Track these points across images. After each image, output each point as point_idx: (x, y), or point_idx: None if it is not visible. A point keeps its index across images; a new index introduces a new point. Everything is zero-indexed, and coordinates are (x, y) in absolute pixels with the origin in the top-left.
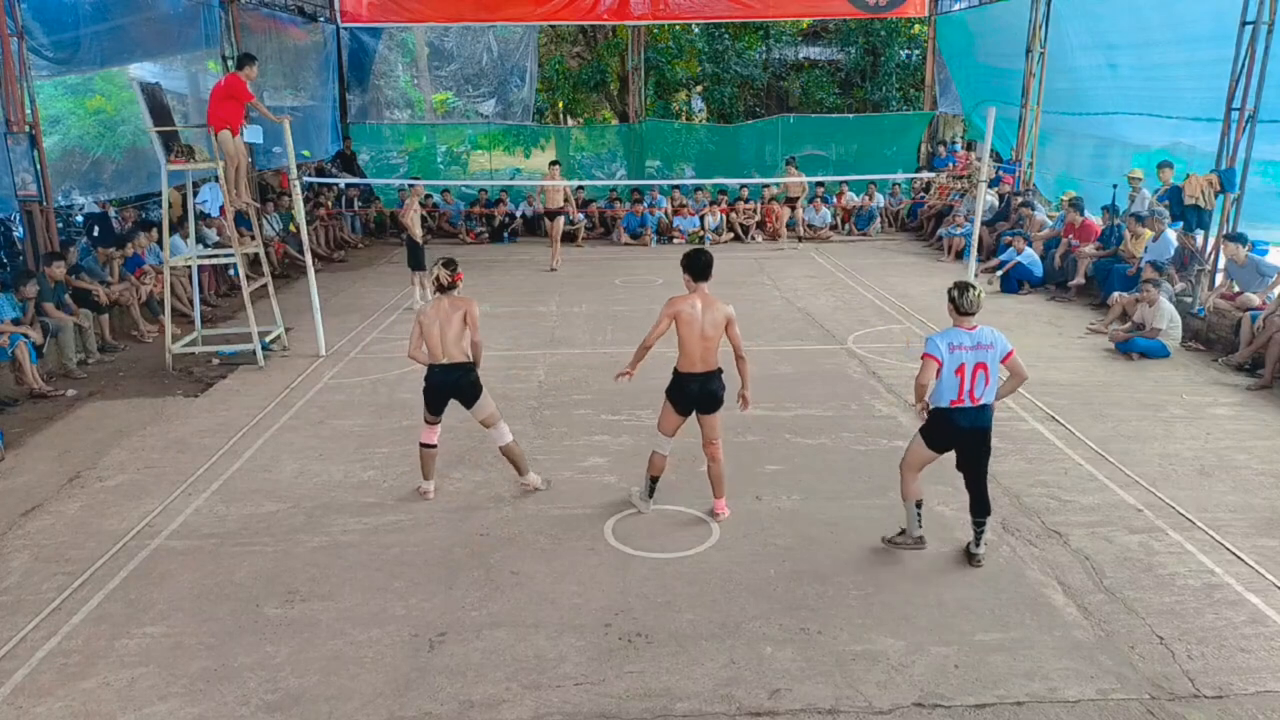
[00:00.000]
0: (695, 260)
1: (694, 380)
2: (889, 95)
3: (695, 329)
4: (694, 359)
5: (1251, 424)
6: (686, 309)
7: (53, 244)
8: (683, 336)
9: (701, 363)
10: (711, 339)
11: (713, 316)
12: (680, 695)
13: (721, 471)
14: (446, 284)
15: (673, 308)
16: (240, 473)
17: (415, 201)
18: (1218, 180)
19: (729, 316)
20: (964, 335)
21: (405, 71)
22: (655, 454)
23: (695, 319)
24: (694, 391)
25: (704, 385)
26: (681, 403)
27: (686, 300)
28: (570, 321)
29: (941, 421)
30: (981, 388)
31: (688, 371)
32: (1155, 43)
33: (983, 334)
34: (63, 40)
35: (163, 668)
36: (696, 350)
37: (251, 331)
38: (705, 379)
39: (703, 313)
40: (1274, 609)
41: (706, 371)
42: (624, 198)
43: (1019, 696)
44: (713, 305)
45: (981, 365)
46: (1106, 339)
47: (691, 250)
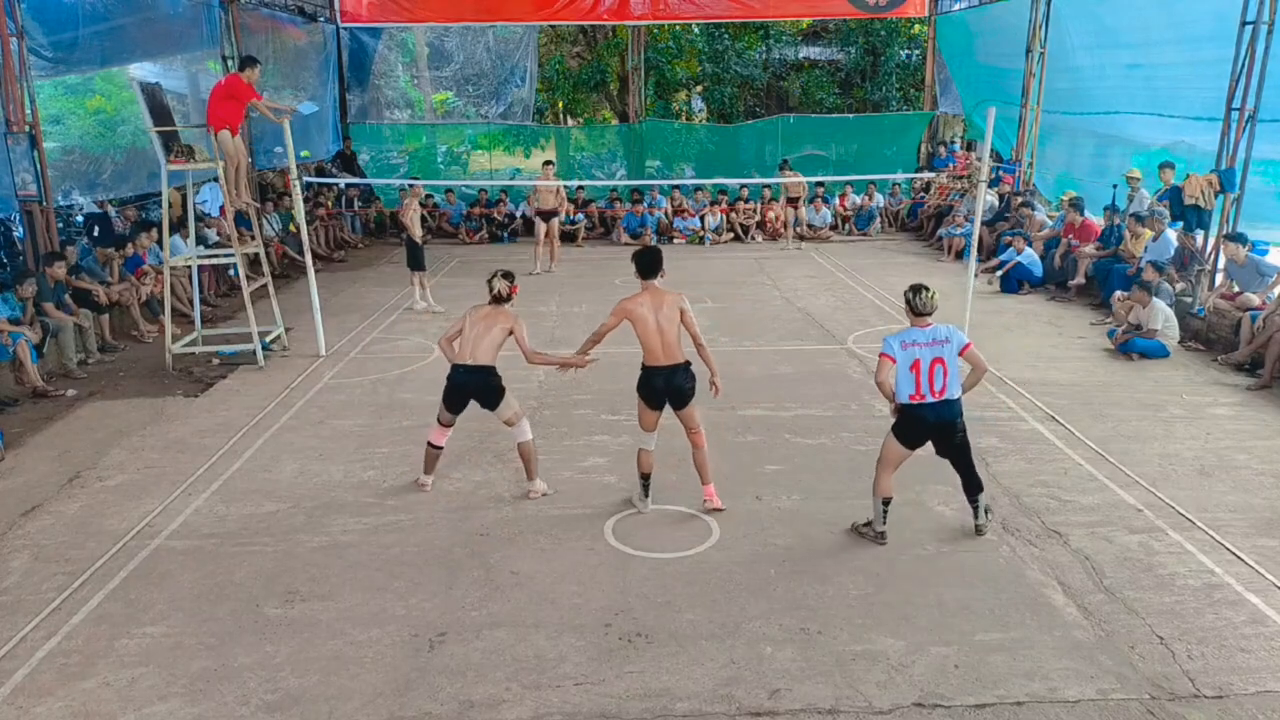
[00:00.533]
0: (642, 258)
1: (658, 374)
2: (889, 95)
3: (650, 325)
4: (655, 353)
5: (1251, 424)
6: (636, 308)
7: (53, 244)
8: (640, 334)
9: (664, 355)
10: (668, 332)
11: (666, 310)
12: (680, 695)
13: (705, 458)
14: (505, 295)
15: (622, 308)
16: (240, 473)
17: (415, 201)
18: (1218, 180)
19: (681, 307)
20: (918, 333)
21: (405, 71)
22: (640, 451)
23: (647, 316)
24: (660, 385)
25: (669, 379)
26: (650, 396)
27: (636, 299)
28: (570, 321)
29: (907, 417)
30: (941, 381)
31: (652, 365)
32: (1155, 42)
33: (938, 330)
34: (63, 40)
35: (163, 668)
36: (656, 345)
37: (251, 331)
38: (670, 372)
39: (654, 309)
40: (1274, 609)
41: (671, 365)
42: (624, 198)
43: (1019, 696)
44: (663, 299)
45: (939, 360)
46: (1107, 339)
47: (640, 248)
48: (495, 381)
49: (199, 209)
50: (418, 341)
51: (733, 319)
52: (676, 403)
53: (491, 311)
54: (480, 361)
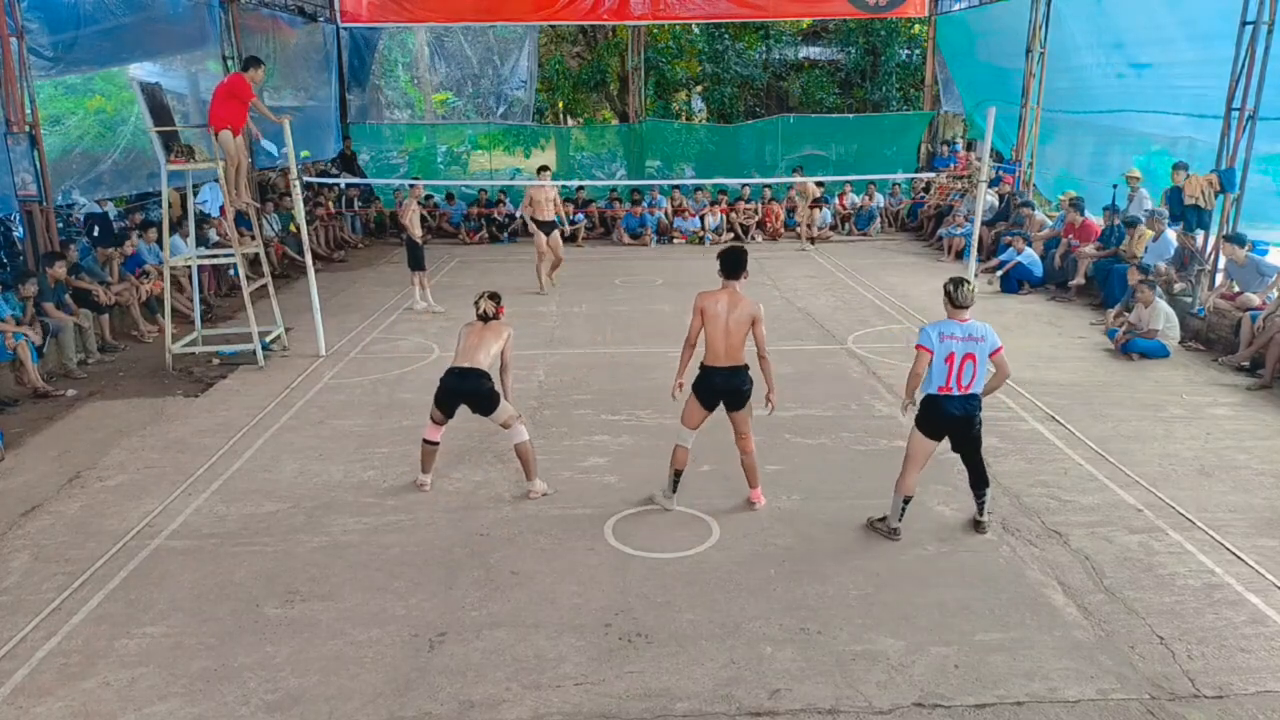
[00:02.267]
0: (727, 257)
1: (717, 374)
2: (889, 95)
3: (720, 325)
4: (718, 353)
5: (1251, 424)
6: (711, 305)
7: (53, 244)
8: (708, 332)
9: (726, 357)
10: (735, 335)
11: (738, 314)
12: (680, 695)
13: (754, 463)
14: (492, 316)
15: (700, 302)
16: (240, 473)
17: (414, 201)
18: (1218, 180)
19: (755, 315)
20: (956, 326)
21: (405, 71)
22: (677, 447)
23: (720, 315)
24: (718, 385)
25: (728, 380)
26: (706, 396)
27: (714, 296)
28: (570, 321)
29: (931, 407)
30: (969, 377)
31: (713, 365)
32: (1156, 41)
33: (974, 327)
34: (63, 40)
35: (163, 668)
36: (720, 345)
37: (251, 331)
38: (729, 373)
39: (728, 310)
40: (1274, 609)
41: (731, 366)
42: (624, 198)
43: (1019, 696)
44: (739, 303)
45: (970, 356)
46: (1107, 339)
47: (726, 247)
48: (487, 385)
49: (199, 209)
50: (418, 341)
51: None
52: (733, 403)
53: (483, 328)
54: (474, 364)
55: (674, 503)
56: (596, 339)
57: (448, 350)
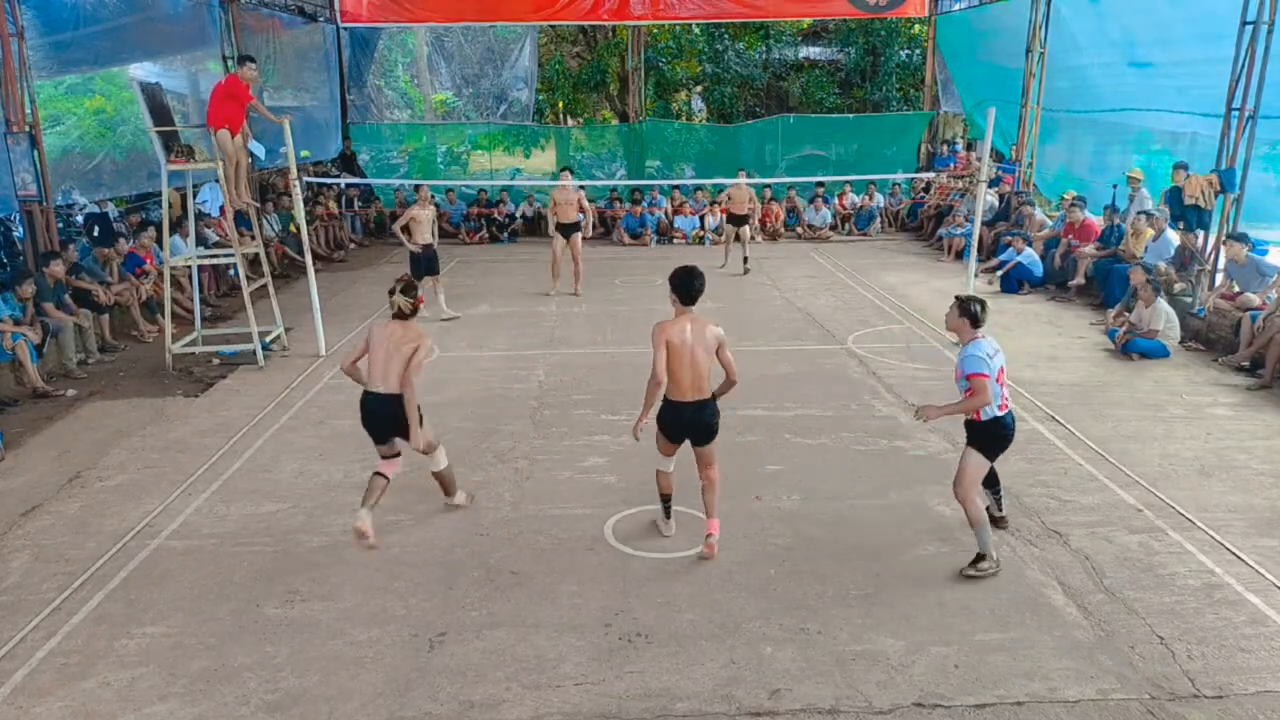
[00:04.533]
0: (686, 283)
1: (685, 409)
2: (889, 95)
3: (685, 357)
4: (684, 386)
5: (1251, 424)
6: (676, 335)
7: (53, 244)
8: (672, 366)
9: (693, 390)
10: (703, 364)
11: (704, 341)
12: (680, 695)
13: (716, 495)
14: (409, 311)
15: (663, 335)
16: (240, 473)
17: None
18: (1218, 180)
19: (720, 339)
20: (989, 344)
21: (405, 71)
22: (659, 473)
23: (685, 345)
24: (685, 420)
25: (696, 415)
26: (673, 431)
27: (675, 325)
28: (570, 321)
29: (1000, 430)
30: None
31: (678, 400)
32: (1156, 41)
33: (993, 341)
34: (63, 40)
35: (163, 668)
36: (686, 378)
37: (251, 331)
38: (697, 408)
39: (692, 338)
40: (1274, 609)
41: (698, 400)
42: (624, 198)
43: (1019, 696)
44: (703, 329)
45: (1003, 369)
46: (1107, 339)
47: (682, 270)
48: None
49: (199, 209)
50: None
51: (733, 319)
52: (699, 438)
53: (398, 329)
54: (393, 390)
55: (671, 528)
56: (596, 339)
57: (448, 350)
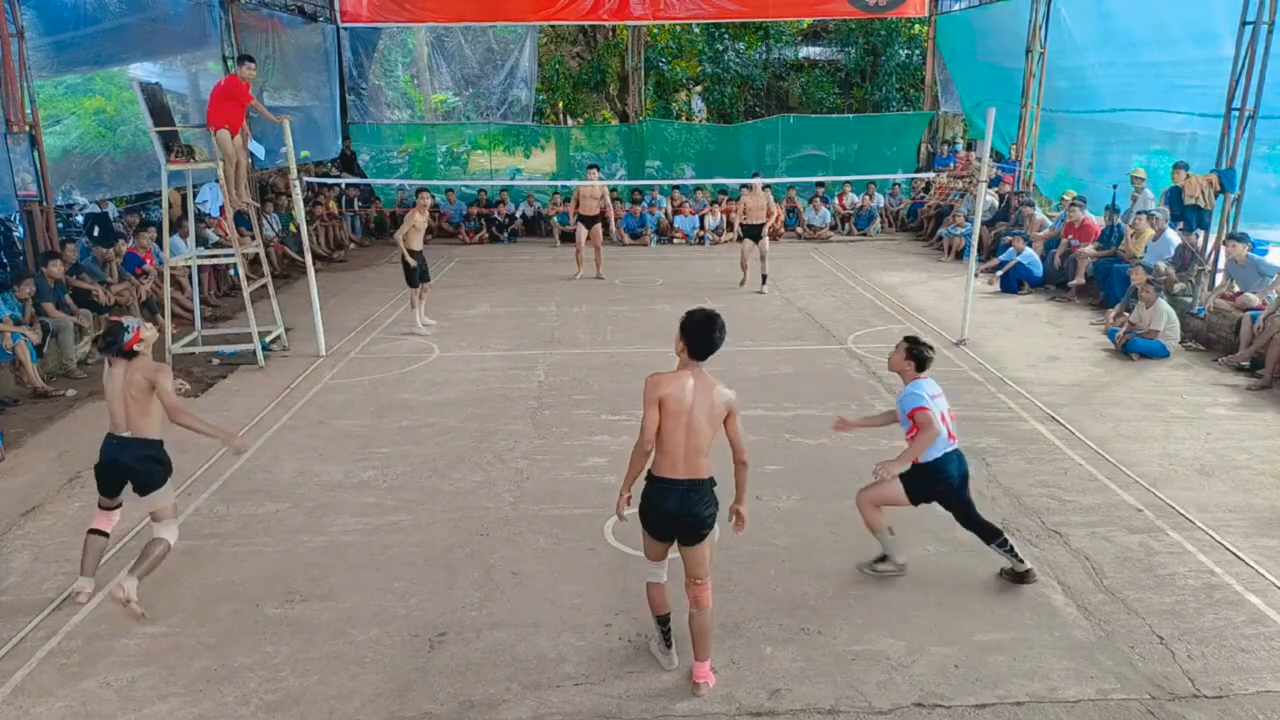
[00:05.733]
0: (703, 333)
1: (672, 491)
2: (889, 95)
3: (681, 420)
4: (675, 459)
5: (1251, 424)
6: (675, 392)
7: (53, 244)
8: (664, 429)
9: (686, 466)
10: (702, 434)
11: (708, 404)
12: (680, 695)
13: (708, 625)
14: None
15: (656, 390)
16: (240, 473)
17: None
18: (1218, 180)
19: (730, 406)
20: (931, 386)
21: (405, 71)
22: (650, 587)
23: (683, 407)
24: (670, 509)
25: (684, 501)
26: (657, 525)
27: (675, 380)
28: (570, 321)
29: (937, 475)
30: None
31: (665, 477)
32: (1156, 41)
33: (935, 385)
34: (63, 40)
35: (163, 668)
36: (679, 448)
37: (251, 331)
38: (688, 491)
39: (694, 398)
40: (1274, 609)
41: (692, 479)
42: (624, 198)
43: (1019, 696)
44: (710, 389)
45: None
46: (1107, 339)
47: (700, 316)
48: (155, 457)
49: (199, 209)
50: (418, 341)
51: (733, 319)
52: (688, 535)
53: (124, 367)
54: (137, 433)
55: (673, 660)
56: (597, 339)
57: (448, 350)
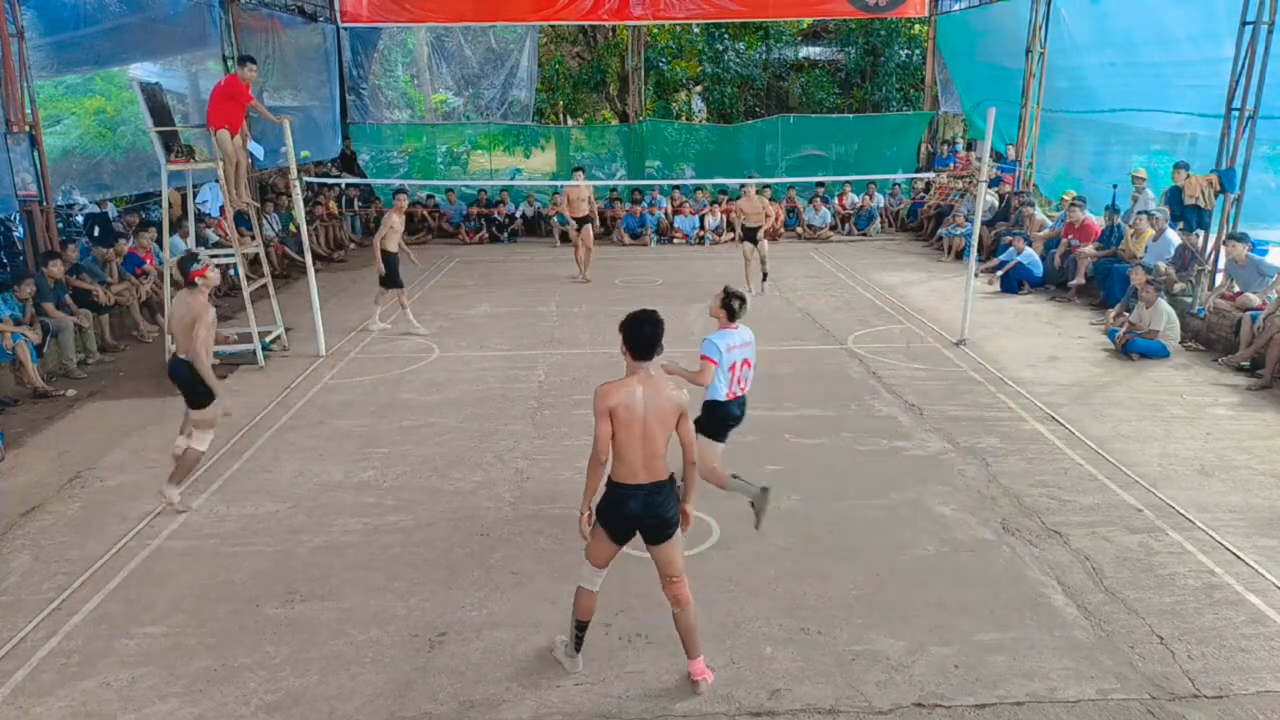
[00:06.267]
0: (638, 329)
1: (634, 495)
2: (889, 95)
3: (635, 427)
4: (634, 465)
5: (1251, 424)
6: (625, 400)
7: (53, 244)
8: (619, 439)
9: (645, 470)
10: (657, 438)
11: (659, 409)
12: (680, 695)
13: (693, 621)
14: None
15: (606, 401)
16: (240, 473)
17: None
18: (1218, 180)
19: (681, 407)
20: (734, 335)
21: (405, 71)
22: (581, 590)
23: (635, 414)
24: (633, 511)
25: (649, 503)
26: (618, 525)
27: (622, 388)
28: (570, 321)
29: (721, 412)
30: (747, 380)
31: (627, 483)
32: (1155, 41)
33: (744, 333)
34: (63, 40)
35: (163, 668)
36: (637, 455)
37: (251, 331)
38: (651, 493)
39: (645, 403)
40: (1274, 609)
41: (653, 483)
42: (624, 198)
43: (1019, 696)
44: (659, 392)
45: (746, 361)
46: (1107, 339)
47: (631, 316)
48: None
49: (199, 209)
50: (418, 341)
51: None
52: (654, 535)
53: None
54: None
55: (578, 664)
56: (596, 339)
57: (448, 350)
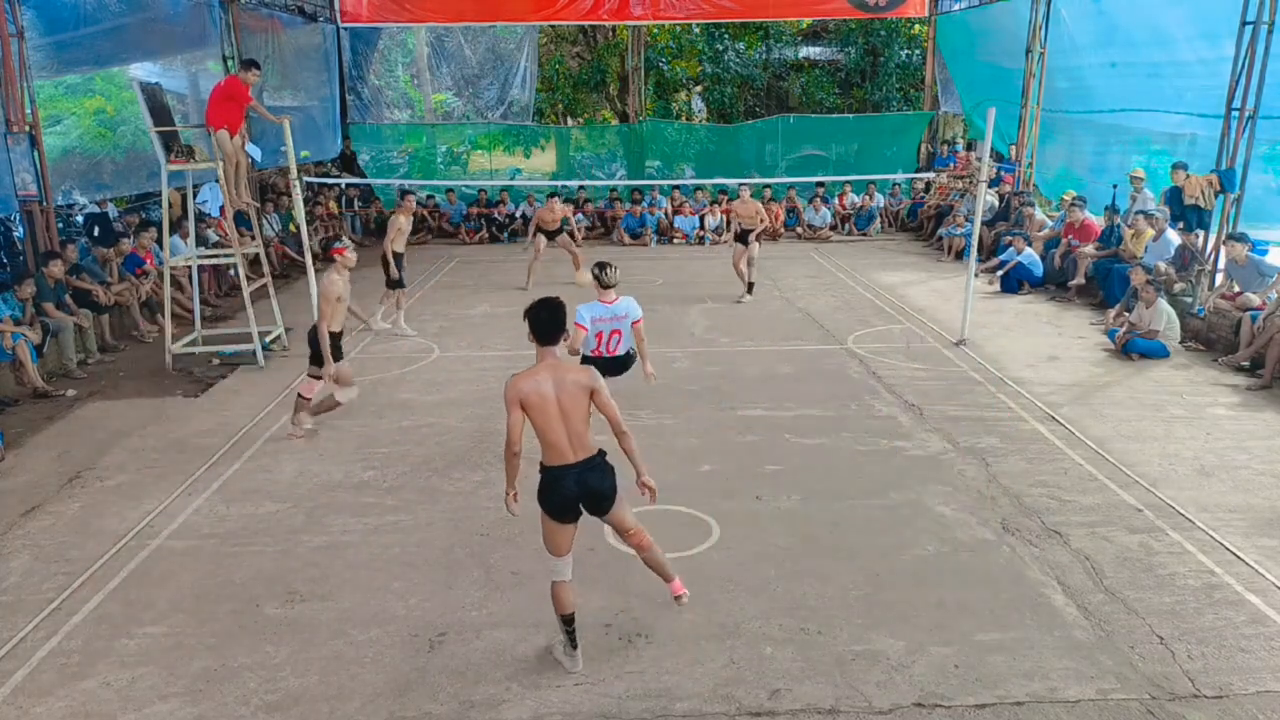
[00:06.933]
0: (537, 316)
1: (567, 475)
2: (889, 95)
3: (550, 411)
4: (561, 448)
5: (1251, 424)
6: (532, 389)
7: (53, 244)
8: (537, 425)
9: (573, 450)
10: (575, 418)
11: (567, 391)
12: (680, 695)
13: (659, 557)
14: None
15: (515, 391)
16: (240, 473)
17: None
18: (1218, 180)
19: (589, 385)
20: (602, 309)
21: (405, 71)
22: (554, 585)
23: (546, 399)
24: (571, 491)
25: (582, 479)
26: (558, 508)
27: (529, 378)
28: (570, 321)
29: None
30: (615, 344)
31: (558, 465)
32: (1155, 41)
33: (617, 308)
34: (63, 40)
35: (163, 668)
36: (561, 436)
37: (251, 331)
38: (583, 471)
39: (555, 388)
40: (1274, 609)
41: (583, 460)
42: (624, 198)
43: (1019, 696)
44: (566, 374)
45: (616, 331)
46: (1107, 339)
47: (535, 302)
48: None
49: (199, 209)
50: (418, 341)
51: (733, 319)
52: (595, 508)
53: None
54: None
55: (578, 662)
56: None
57: (448, 350)
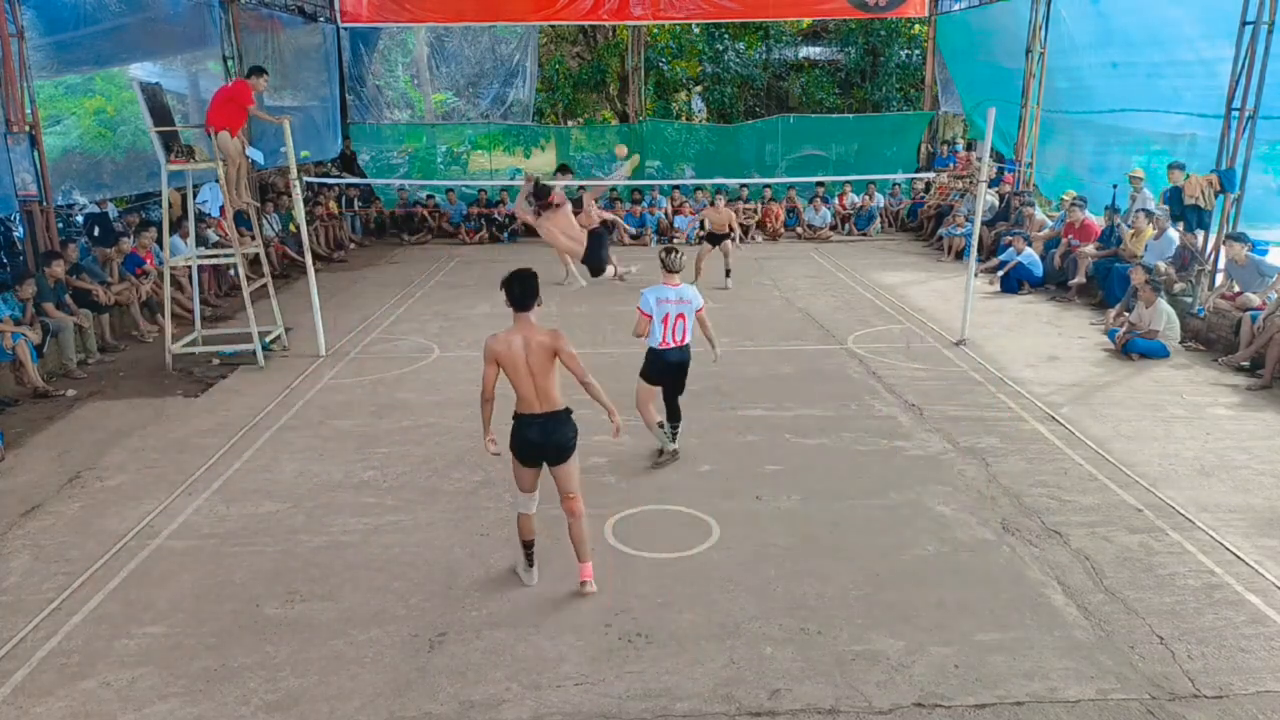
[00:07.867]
0: (510, 287)
1: (533, 424)
2: (889, 95)
3: (521, 368)
4: (530, 400)
5: (1251, 424)
6: (504, 348)
7: (53, 244)
8: (511, 379)
9: (540, 402)
10: (542, 375)
11: (534, 349)
12: (680, 695)
13: (584, 532)
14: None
15: (490, 349)
16: (240, 473)
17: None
18: (1218, 180)
19: (555, 346)
20: (669, 291)
21: (405, 72)
22: (520, 516)
23: (517, 357)
24: (534, 439)
25: (545, 430)
26: (524, 451)
27: (505, 338)
28: (570, 321)
29: (655, 359)
30: (681, 332)
31: (525, 413)
32: (1155, 41)
33: (683, 290)
34: (63, 40)
35: (163, 668)
36: (529, 389)
37: (252, 331)
38: (546, 422)
39: (524, 347)
40: (1274, 609)
41: (548, 412)
42: (624, 198)
43: (1019, 696)
44: (534, 336)
45: (681, 315)
46: (1107, 339)
47: (510, 274)
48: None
49: (199, 209)
50: (418, 341)
51: (733, 319)
52: (554, 458)
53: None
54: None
55: (534, 577)
56: (596, 339)
57: (448, 350)
